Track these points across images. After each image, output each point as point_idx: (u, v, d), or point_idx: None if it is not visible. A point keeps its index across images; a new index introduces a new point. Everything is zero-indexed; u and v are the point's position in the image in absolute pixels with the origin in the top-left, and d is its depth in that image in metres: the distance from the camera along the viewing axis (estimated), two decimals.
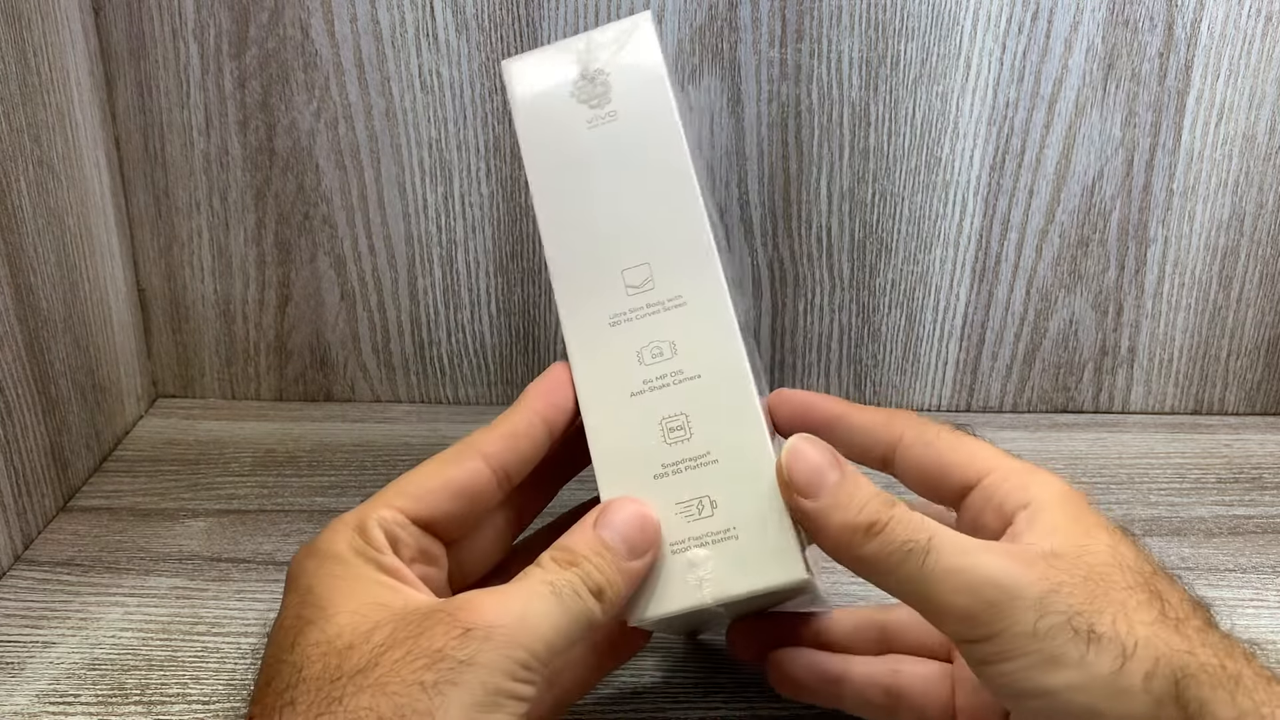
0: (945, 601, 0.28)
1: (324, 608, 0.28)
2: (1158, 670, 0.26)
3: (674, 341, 0.33)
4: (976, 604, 0.28)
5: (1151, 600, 0.28)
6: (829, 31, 0.53)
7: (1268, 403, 0.61)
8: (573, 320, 0.34)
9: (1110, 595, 0.28)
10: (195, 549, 0.47)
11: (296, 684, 0.26)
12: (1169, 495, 0.52)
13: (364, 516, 0.31)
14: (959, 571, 0.28)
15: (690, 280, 0.34)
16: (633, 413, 0.33)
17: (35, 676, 0.39)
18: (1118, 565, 0.29)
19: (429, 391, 0.61)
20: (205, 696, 0.38)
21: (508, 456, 0.33)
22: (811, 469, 0.30)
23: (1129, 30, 0.53)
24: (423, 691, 0.25)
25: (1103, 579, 0.28)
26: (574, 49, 0.36)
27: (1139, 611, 0.27)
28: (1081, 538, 0.29)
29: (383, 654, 0.26)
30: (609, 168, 0.35)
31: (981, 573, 0.28)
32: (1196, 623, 0.28)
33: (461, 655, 0.26)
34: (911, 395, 0.61)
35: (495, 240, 0.57)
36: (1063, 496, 0.31)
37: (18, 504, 0.46)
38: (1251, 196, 0.56)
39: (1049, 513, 0.30)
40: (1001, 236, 0.57)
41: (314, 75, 0.54)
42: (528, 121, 0.36)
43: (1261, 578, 0.46)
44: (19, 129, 0.46)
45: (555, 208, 0.35)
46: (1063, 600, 0.27)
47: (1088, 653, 0.27)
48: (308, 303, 0.58)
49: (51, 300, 0.49)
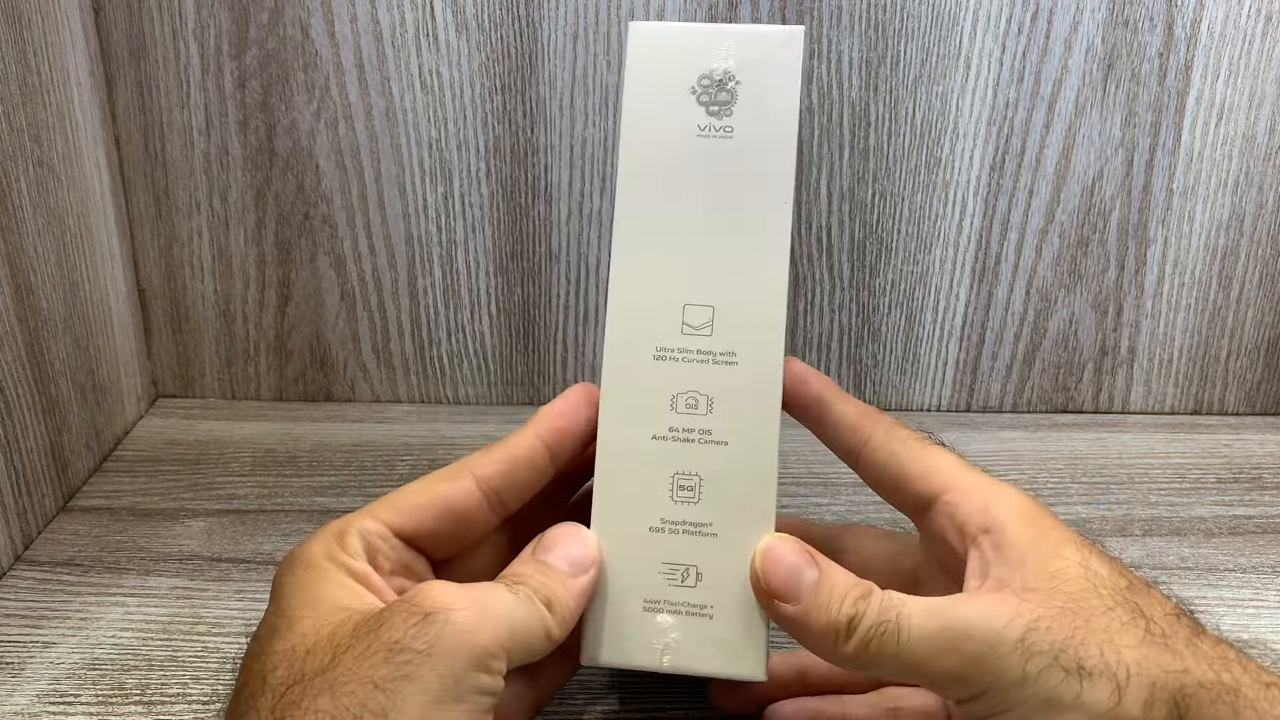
0: (932, 669, 0.28)
1: (289, 614, 0.28)
2: (1156, 696, 0.26)
3: (713, 399, 0.32)
4: (961, 662, 0.27)
5: (1134, 619, 0.27)
6: (829, 31, 0.53)
7: (1267, 403, 0.61)
8: (617, 339, 0.32)
9: (1092, 623, 0.27)
10: (195, 549, 0.47)
11: (261, 690, 0.26)
12: (1169, 495, 0.52)
13: (346, 526, 0.31)
14: (935, 634, 0.28)
15: (749, 341, 0.32)
16: (650, 456, 0.32)
17: (35, 676, 0.39)
18: (1092, 586, 0.28)
19: (429, 391, 0.61)
20: (205, 696, 0.38)
21: (501, 481, 0.32)
22: (788, 572, 0.30)
23: (1129, 30, 0.53)
24: (375, 689, 0.25)
25: (1081, 606, 0.27)
26: (713, 39, 0.32)
27: (1123, 635, 0.27)
28: (1051, 560, 0.29)
29: (342, 653, 0.26)
30: (706, 188, 0.32)
31: (957, 629, 0.27)
32: (1184, 634, 0.27)
33: (419, 645, 0.26)
34: (911, 395, 0.61)
35: (495, 240, 0.57)
36: (1024, 514, 0.30)
37: (18, 504, 0.46)
38: (1251, 196, 0.56)
39: (1013, 536, 0.30)
40: (1001, 236, 0.57)
41: (314, 75, 0.54)
42: (636, 104, 0.32)
43: (1261, 578, 0.46)
44: (19, 129, 0.46)
45: (638, 211, 0.32)
46: (1044, 638, 0.27)
47: (1082, 690, 0.26)
48: (308, 303, 0.58)
49: (51, 300, 0.49)
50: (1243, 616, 0.43)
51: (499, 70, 0.54)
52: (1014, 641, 0.27)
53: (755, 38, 0.32)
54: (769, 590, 0.30)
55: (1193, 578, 0.46)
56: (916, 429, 0.33)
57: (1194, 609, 0.30)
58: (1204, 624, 0.29)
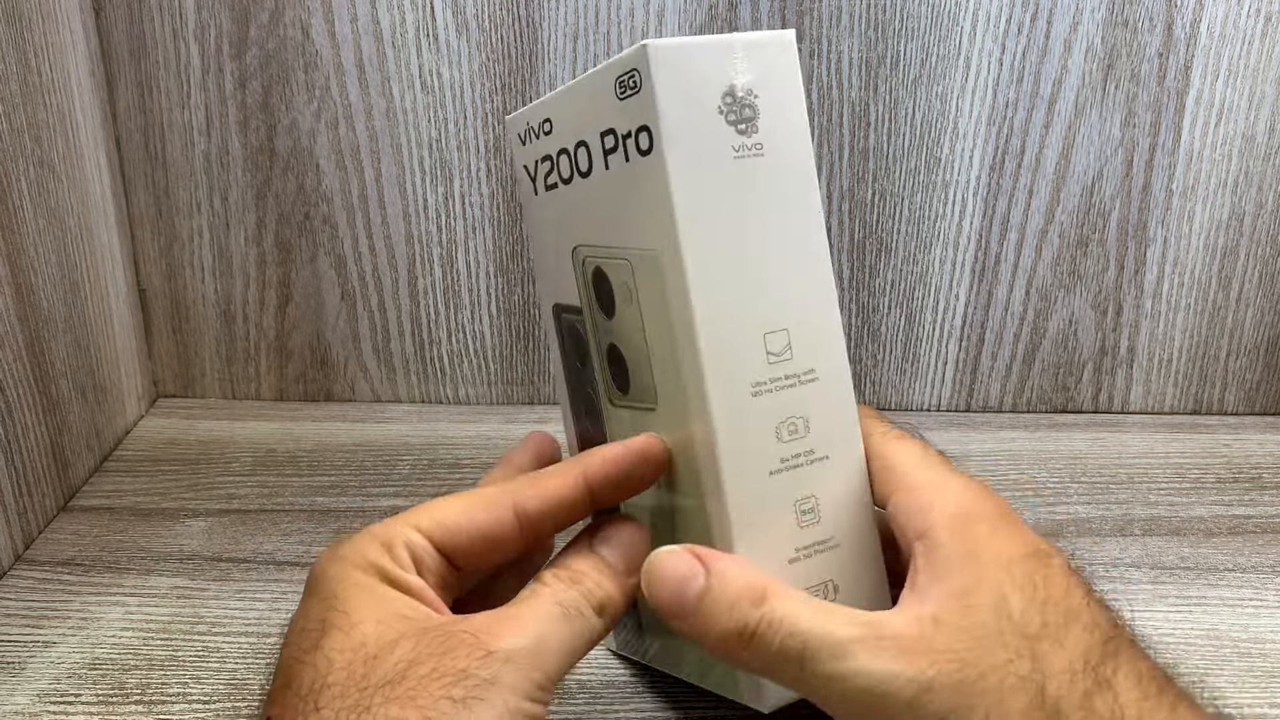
0: (830, 707, 0.28)
1: (349, 614, 0.28)
2: None
3: (808, 419, 0.32)
4: (855, 712, 0.27)
5: (1028, 680, 0.27)
6: (829, 31, 0.53)
7: (1267, 403, 0.61)
8: (719, 383, 0.31)
9: (984, 683, 0.27)
10: (195, 549, 0.47)
11: (321, 689, 0.27)
12: (1169, 495, 0.52)
13: (392, 535, 0.31)
14: (833, 680, 0.28)
15: (821, 353, 0.32)
16: (772, 493, 0.31)
17: (36, 676, 0.39)
18: (998, 629, 0.28)
19: (429, 391, 0.61)
20: (206, 696, 0.38)
21: (542, 520, 0.32)
22: (673, 586, 0.30)
23: (1128, 30, 0.53)
24: (452, 705, 0.26)
25: (979, 659, 0.27)
26: (726, 52, 0.31)
27: (1012, 698, 0.26)
28: (969, 584, 0.28)
29: (409, 668, 0.27)
30: (754, 212, 0.31)
31: (854, 683, 0.27)
32: (1079, 695, 0.27)
33: (485, 674, 0.27)
34: (911, 395, 0.61)
35: (495, 240, 0.57)
36: (957, 521, 0.30)
37: (18, 504, 0.46)
38: (1251, 196, 0.56)
39: (942, 545, 0.29)
40: (1001, 236, 0.57)
41: (314, 75, 0.54)
42: (676, 136, 0.30)
43: (1261, 578, 0.46)
44: (19, 129, 0.46)
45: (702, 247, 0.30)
46: (935, 702, 0.27)
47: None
48: (308, 303, 0.58)
49: (52, 300, 0.49)
50: (1242, 616, 0.43)
51: (499, 70, 0.54)
52: (905, 703, 0.27)
53: (760, 46, 0.31)
54: (656, 608, 0.30)
55: (1192, 578, 0.46)
56: (900, 425, 0.33)
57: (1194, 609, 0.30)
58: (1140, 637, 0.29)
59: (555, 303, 0.36)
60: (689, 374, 0.31)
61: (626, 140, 0.31)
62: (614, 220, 0.32)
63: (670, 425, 0.32)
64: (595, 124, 0.32)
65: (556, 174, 0.34)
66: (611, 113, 0.31)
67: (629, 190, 0.31)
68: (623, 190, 0.31)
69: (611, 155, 0.31)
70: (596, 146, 0.32)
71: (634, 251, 0.32)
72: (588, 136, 0.32)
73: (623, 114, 0.30)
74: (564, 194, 0.34)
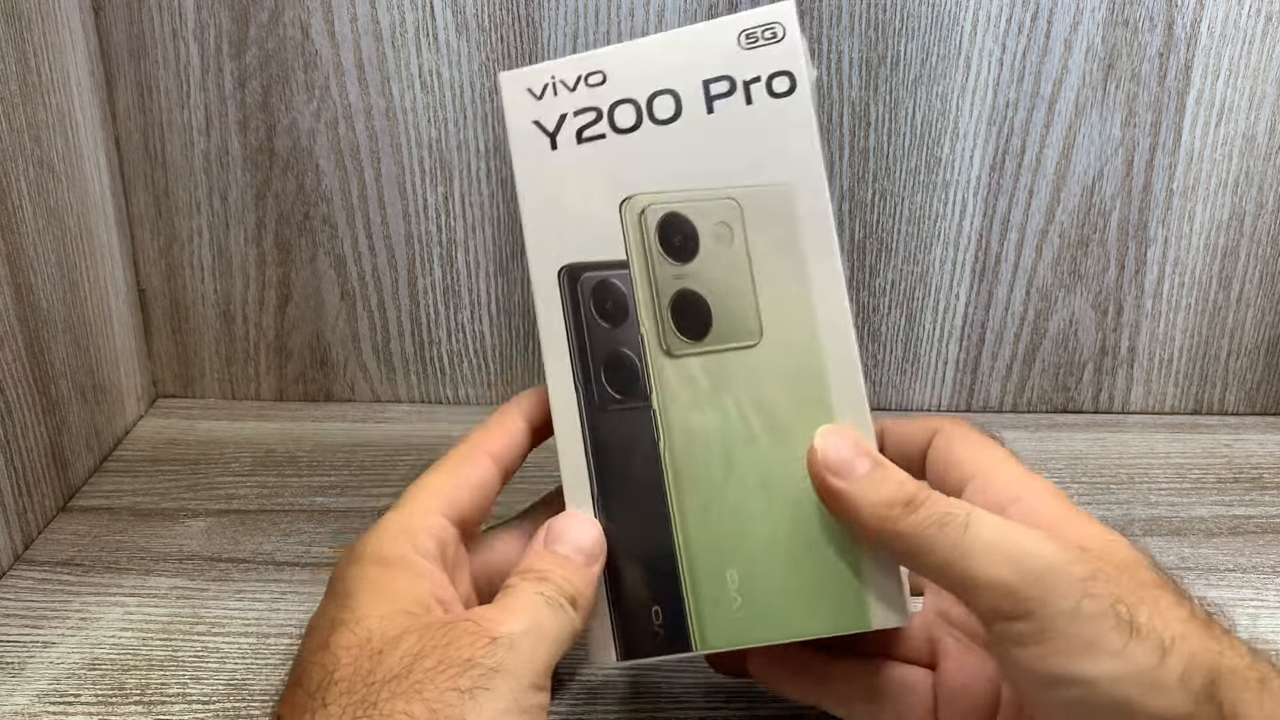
0: (986, 575, 0.28)
1: (355, 610, 0.29)
2: (1194, 668, 0.26)
3: None
4: (1018, 576, 0.27)
5: (1180, 599, 0.28)
6: (829, 31, 0.53)
7: (1268, 403, 0.61)
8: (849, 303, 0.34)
9: (1144, 590, 0.28)
10: (195, 549, 0.47)
11: (328, 685, 0.27)
12: (1169, 495, 0.52)
13: (414, 524, 0.32)
14: (1000, 543, 0.28)
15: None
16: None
17: (35, 676, 0.39)
18: (1140, 561, 0.29)
19: (429, 391, 0.61)
20: (205, 696, 0.38)
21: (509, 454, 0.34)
22: (843, 455, 0.31)
23: (1129, 30, 0.53)
24: (459, 696, 0.26)
25: (1135, 573, 0.28)
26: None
27: (1173, 609, 0.27)
28: (1098, 532, 0.29)
29: (415, 661, 0.27)
30: None
31: (1025, 546, 0.28)
32: (1219, 626, 0.28)
33: (490, 663, 0.27)
34: (911, 395, 0.61)
35: (495, 240, 0.57)
36: (1055, 494, 0.31)
37: (18, 504, 0.46)
38: (1251, 196, 0.56)
39: (1042, 505, 0.30)
40: (1001, 236, 0.57)
41: (314, 75, 0.54)
42: (805, 75, 0.34)
43: (1261, 578, 0.46)
44: (19, 129, 0.46)
45: None
46: (1105, 586, 0.27)
47: (1130, 642, 0.26)
48: (308, 303, 0.58)
49: (51, 300, 0.49)
50: (1242, 616, 0.43)
51: (499, 70, 0.54)
52: (1078, 578, 0.27)
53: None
54: (825, 464, 0.31)
55: (1193, 578, 0.46)
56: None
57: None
58: None
59: (565, 265, 0.35)
60: (824, 298, 0.33)
61: (752, 85, 0.34)
62: (714, 163, 0.34)
63: (781, 356, 0.33)
64: (694, 73, 0.34)
65: (607, 124, 0.35)
66: (726, 61, 0.34)
67: (749, 131, 0.34)
68: (737, 131, 0.34)
69: (721, 100, 0.34)
70: (694, 93, 0.34)
71: (746, 189, 0.34)
72: (678, 85, 0.34)
73: (748, 61, 0.34)
74: (614, 144, 0.34)
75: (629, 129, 0.34)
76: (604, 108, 0.34)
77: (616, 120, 0.34)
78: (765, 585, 0.33)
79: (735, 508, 0.33)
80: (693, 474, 0.34)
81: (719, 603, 0.33)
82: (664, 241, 0.34)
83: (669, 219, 0.34)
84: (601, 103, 0.34)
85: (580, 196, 0.35)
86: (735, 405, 0.34)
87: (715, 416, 0.34)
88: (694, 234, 0.34)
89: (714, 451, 0.34)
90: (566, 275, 0.35)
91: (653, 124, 0.34)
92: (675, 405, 0.34)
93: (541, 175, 0.35)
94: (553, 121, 0.35)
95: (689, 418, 0.34)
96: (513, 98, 0.35)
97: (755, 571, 0.33)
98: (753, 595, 0.33)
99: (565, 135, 0.35)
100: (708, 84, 0.34)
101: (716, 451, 0.34)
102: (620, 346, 0.34)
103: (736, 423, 0.34)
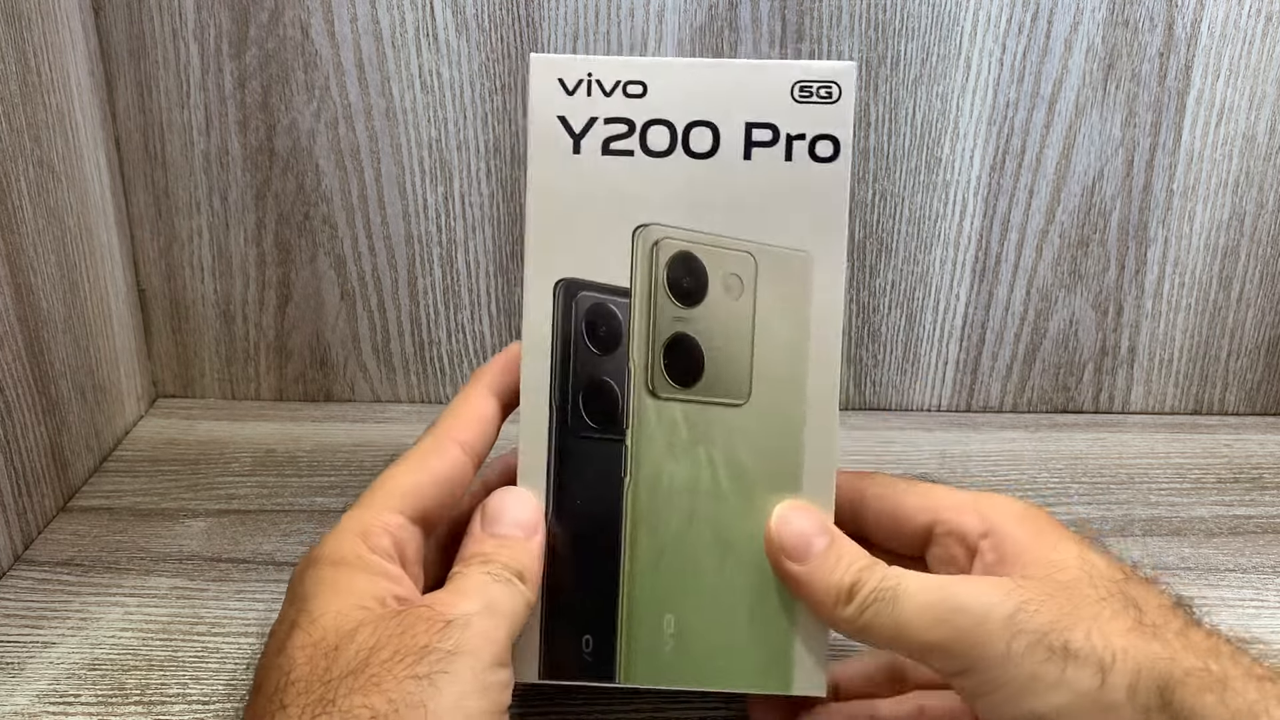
0: (922, 640, 0.29)
1: (310, 611, 0.29)
2: (1141, 681, 0.26)
3: None
4: (949, 635, 0.28)
5: (1126, 608, 0.28)
6: (829, 31, 0.53)
7: (1268, 403, 0.61)
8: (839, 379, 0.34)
9: (1081, 609, 0.28)
10: (195, 549, 0.47)
11: (285, 687, 0.27)
12: (1169, 495, 0.52)
13: (368, 524, 0.31)
14: (929, 607, 0.29)
15: None
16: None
17: (35, 676, 0.39)
18: (1087, 576, 0.29)
19: (429, 391, 0.61)
20: (205, 696, 0.38)
21: (479, 441, 0.33)
22: (799, 537, 0.32)
23: (1129, 30, 0.53)
24: (417, 684, 0.26)
25: (1073, 593, 0.28)
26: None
27: (1113, 621, 0.27)
28: (1048, 552, 0.30)
29: (370, 655, 0.27)
30: None
31: (950, 603, 0.28)
32: (1176, 625, 0.28)
33: (447, 646, 0.27)
34: (911, 395, 0.61)
35: (495, 240, 0.57)
36: (1020, 516, 0.31)
37: (18, 504, 0.46)
38: (1251, 196, 0.56)
39: (1011, 534, 0.31)
40: (1001, 236, 0.57)
41: (314, 75, 0.54)
42: (850, 145, 0.33)
43: (1261, 578, 0.46)
44: (19, 129, 0.46)
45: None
46: (1032, 619, 0.27)
47: (1066, 670, 0.27)
48: (308, 303, 0.58)
49: (51, 300, 0.49)
50: (1242, 616, 0.43)
51: (499, 70, 0.54)
52: (1002, 619, 0.27)
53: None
54: (780, 548, 0.32)
55: (1193, 578, 0.46)
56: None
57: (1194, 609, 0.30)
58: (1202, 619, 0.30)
59: (564, 278, 0.33)
60: (819, 368, 0.33)
61: (795, 141, 0.32)
62: (739, 211, 0.33)
63: (763, 421, 0.33)
64: (739, 112, 0.32)
65: (638, 141, 0.33)
66: (776, 108, 0.32)
67: (782, 189, 0.32)
68: (768, 186, 0.32)
69: (761, 149, 0.32)
70: (734, 134, 0.32)
71: (765, 247, 0.33)
72: (720, 120, 0.32)
73: (797, 115, 0.32)
74: (641, 165, 0.33)
75: (660, 153, 0.33)
76: (638, 123, 0.33)
77: (649, 141, 0.33)
78: (700, 635, 0.34)
79: (687, 559, 0.34)
80: (653, 518, 0.34)
81: (651, 644, 0.34)
82: (672, 280, 0.33)
83: (681, 258, 0.33)
84: (636, 117, 0.33)
85: (593, 210, 0.33)
86: (709, 459, 0.33)
87: (687, 466, 0.33)
88: (704, 279, 0.33)
89: (678, 500, 0.34)
90: (563, 290, 0.33)
91: (685, 155, 0.33)
92: (650, 447, 0.33)
93: (557, 176, 0.33)
94: (581, 122, 0.33)
95: (661, 462, 0.33)
96: (541, 85, 0.33)
97: (693, 621, 0.34)
98: (686, 642, 0.34)
99: (591, 141, 0.33)
100: (751, 128, 0.32)
101: (681, 501, 0.34)
102: (604, 375, 0.34)
103: (706, 476, 0.33)
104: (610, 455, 0.34)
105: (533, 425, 0.34)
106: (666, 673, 0.34)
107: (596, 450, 0.34)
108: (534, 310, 0.33)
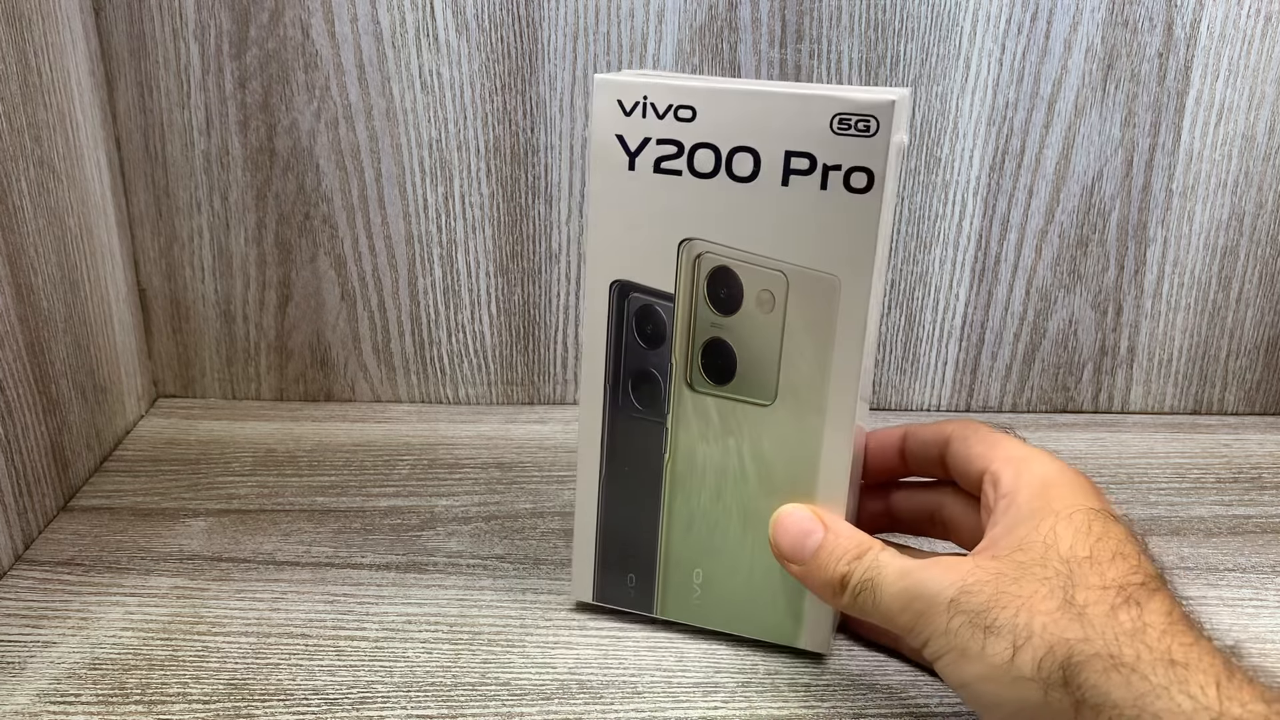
0: (896, 622, 0.33)
1: None
2: (1047, 657, 0.29)
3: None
4: (912, 617, 0.32)
5: (1060, 590, 0.30)
6: (829, 32, 0.53)
7: (1267, 403, 0.61)
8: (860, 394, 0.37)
9: (1019, 589, 0.30)
10: (195, 549, 0.47)
11: None
12: (1169, 495, 0.52)
13: None
14: (899, 594, 0.33)
15: None
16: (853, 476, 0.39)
17: (36, 676, 0.39)
18: (1042, 558, 0.31)
19: (429, 391, 0.61)
20: (206, 696, 0.38)
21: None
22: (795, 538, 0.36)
23: (1128, 30, 0.53)
24: None
25: (1023, 573, 0.31)
26: (904, 111, 0.35)
27: (1042, 602, 0.30)
28: (1029, 531, 0.32)
29: None
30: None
31: (913, 590, 0.32)
32: (1105, 607, 0.29)
33: None
34: (911, 395, 0.61)
35: (495, 240, 0.57)
36: (1039, 484, 0.34)
37: (18, 504, 0.46)
38: (1251, 196, 0.56)
39: (1020, 503, 0.34)
40: (1001, 236, 0.57)
41: (314, 75, 0.54)
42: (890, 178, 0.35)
43: (1261, 577, 0.46)
44: (19, 129, 0.46)
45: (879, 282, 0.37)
46: (971, 600, 0.31)
47: (985, 644, 0.30)
48: (308, 303, 0.58)
49: (51, 300, 0.49)
50: (1242, 616, 0.43)
51: (499, 70, 0.54)
52: (947, 601, 0.31)
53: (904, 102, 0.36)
54: (778, 552, 0.37)
55: (1192, 577, 0.46)
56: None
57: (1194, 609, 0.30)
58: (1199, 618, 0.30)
59: (618, 279, 0.37)
60: (840, 384, 0.36)
61: (831, 171, 0.34)
62: (775, 234, 0.35)
63: (787, 423, 0.37)
64: (780, 140, 0.34)
65: (685, 162, 0.35)
66: (814, 139, 0.34)
67: (815, 215, 0.34)
68: (803, 212, 0.34)
69: (799, 176, 0.34)
70: (774, 161, 0.34)
71: (797, 268, 0.35)
72: (761, 147, 0.34)
73: (834, 146, 0.34)
74: (687, 185, 0.36)
75: (705, 175, 0.35)
76: (686, 145, 0.35)
77: (696, 163, 0.35)
78: (723, 588, 0.40)
79: (715, 526, 0.39)
80: (687, 491, 0.39)
81: (683, 589, 0.40)
82: (711, 291, 0.37)
83: (720, 272, 0.36)
84: (685, 139, 0.35)
85: (644, 221, 0.36)
86: (737, 447, 0.38)
87: (718, 452, 0.38)
88: (739, 292, 0.36)
89: (709, 479, 0.39)
90: (617, 290, 0.38)
91: (728, 177, 0.35)
92: (686, 431, 0.38)
93: (614, 189, 0.37)
94: (635, 142, 0.36)
95: (695, 445, 0.38)
96: (602, 105, 0.36)
97: (718, 576, 0.40)
98: (710, 592, 0.40)
99: (644, 160, 0.36)
100: (790, 156, 0.34)
101: (711, 479, 0.39)
102: (650, 367, 0.38)
103: (734, 461, 0.38)
104: (654, 433, 0.39)
105: (591, 402, 0.39)
106: (695, 614, 0.41)
107: (642, 429, 0.39)
108: (592, 309, 0.38)
